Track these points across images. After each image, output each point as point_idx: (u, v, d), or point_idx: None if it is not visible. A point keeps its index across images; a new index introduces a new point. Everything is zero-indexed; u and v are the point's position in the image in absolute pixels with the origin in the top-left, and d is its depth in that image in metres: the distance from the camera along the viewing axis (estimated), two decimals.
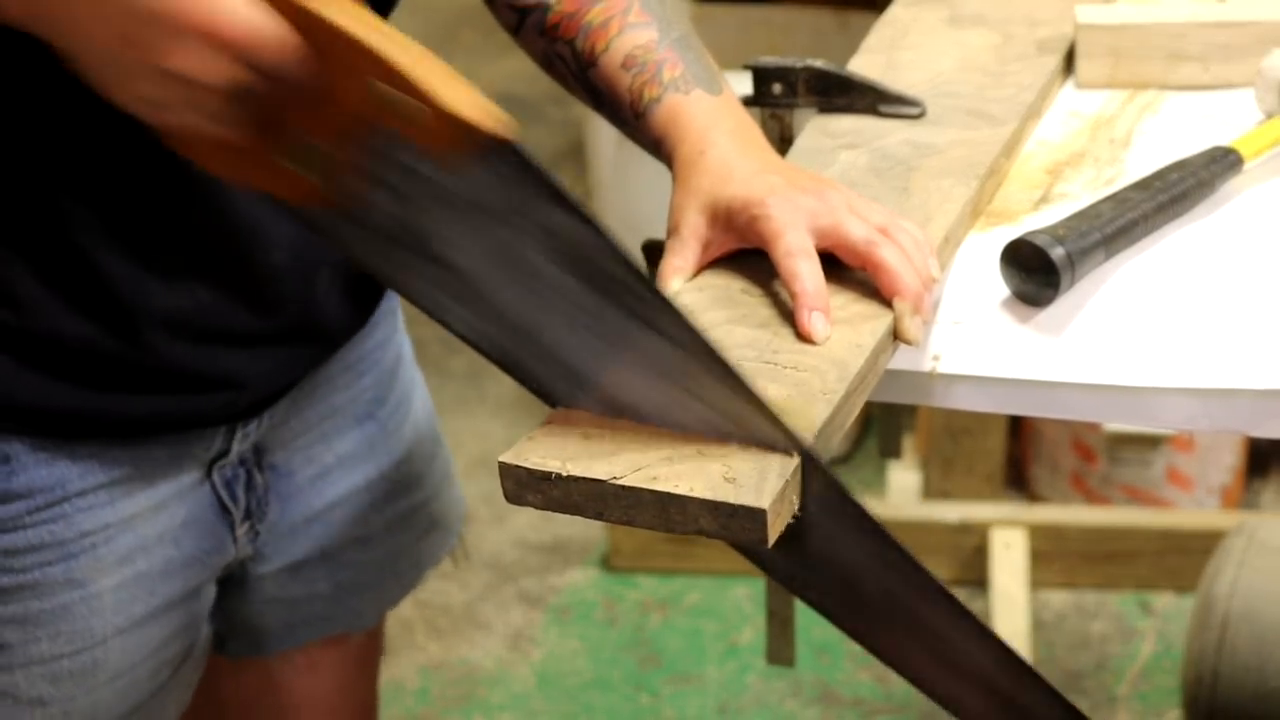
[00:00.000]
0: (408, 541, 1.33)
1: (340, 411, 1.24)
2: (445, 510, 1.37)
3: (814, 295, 0.94)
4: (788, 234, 0.96)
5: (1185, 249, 1.05)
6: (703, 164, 1.03)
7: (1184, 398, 0.95)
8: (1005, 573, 2.41)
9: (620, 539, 2.55)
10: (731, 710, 2.29)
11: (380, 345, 1.27)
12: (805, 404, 0.85)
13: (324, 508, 1.25)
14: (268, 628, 1.29)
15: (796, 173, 1.02)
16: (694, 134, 1.05)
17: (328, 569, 1.27)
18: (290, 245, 1.07)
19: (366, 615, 1.34)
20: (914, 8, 1.36)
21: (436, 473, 1.35)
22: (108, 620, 1.12)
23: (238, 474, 1.18)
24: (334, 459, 1.24)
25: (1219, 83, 1.25)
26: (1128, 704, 2.28)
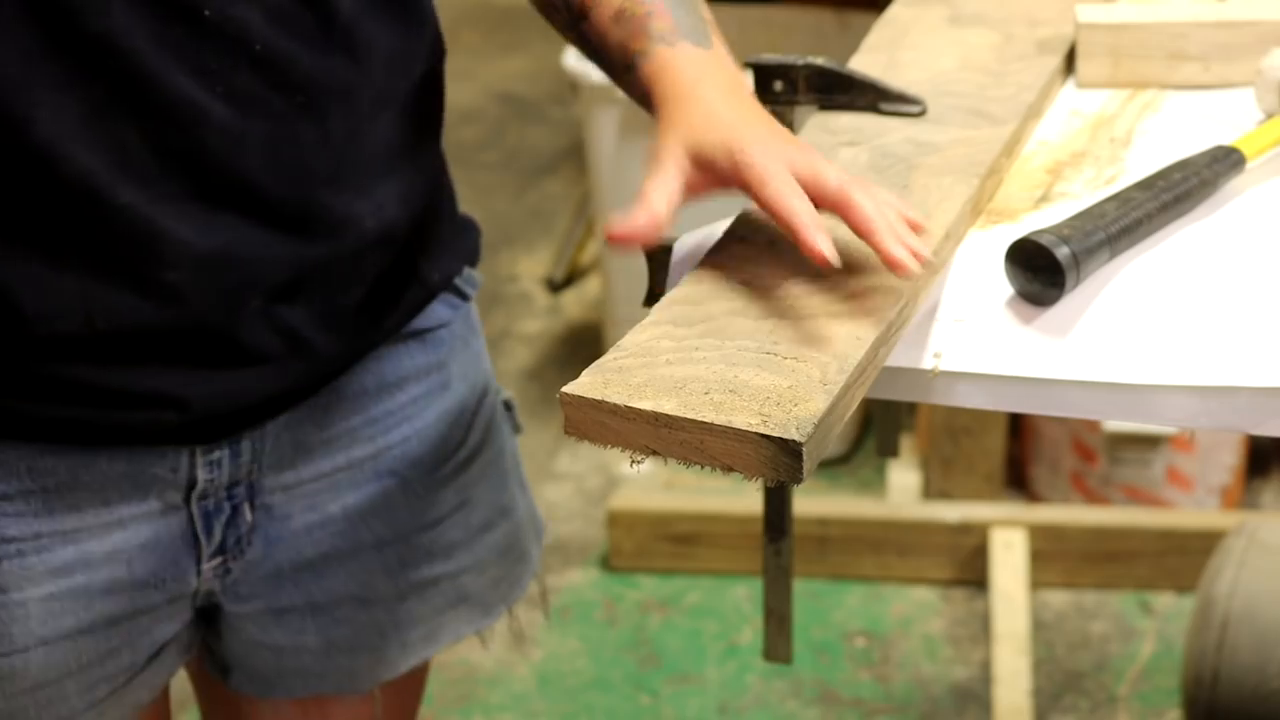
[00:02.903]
0: (424, 612, 1.25)
1: (359, 465, 1.18)
2: (488, 588, 1.29)
3: (815, 223, 0.93)
4: (774, 177, 0.96)
5: (1188, 248, 1.05)
6: (686, 111, 1.02)
7: (1184, 395, 0.95)
8: (1005, 573, 2.41)
9: (620, 539, 2.55)
10: (731, 710, 2.29)
11: (417, 402, 1.20)
12: (805, 395, 0.85)
13: (318, 558, 1.19)
14: (255, 670, 1.24)
15: (779, 127, 1.02)
16: (681, 87, 1.03)
17: (318, 622, 1.21)
18: (193, 265, 1.01)
19: (361, 680, 1.26)
20: (915, 7, 1.36)
21: (487, 546, 1.27)
22: (31, 629, 1.09)
23: (221, 508, 1.13)
24: (340, 511, 1.18)
25: (1219, 82, 1.25)
26: (1128, 704, 2.28)
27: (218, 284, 1.03)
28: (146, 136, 0.98)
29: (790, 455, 0.83)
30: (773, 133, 1.00)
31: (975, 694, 2.30)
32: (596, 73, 2.66)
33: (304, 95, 1.02)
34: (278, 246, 1.04)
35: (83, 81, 0.96)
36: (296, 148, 1.02)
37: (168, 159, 0.99)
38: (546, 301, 3.34)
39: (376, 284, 1.12)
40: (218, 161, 1.01)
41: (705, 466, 0.86)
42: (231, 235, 1.02)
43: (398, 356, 1.19)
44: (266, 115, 1.01)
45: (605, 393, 0.87)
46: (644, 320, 0.94)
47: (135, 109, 0.97)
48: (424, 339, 1.20)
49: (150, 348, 1.04)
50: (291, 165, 1.02)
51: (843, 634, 2.42)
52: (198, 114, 0.99)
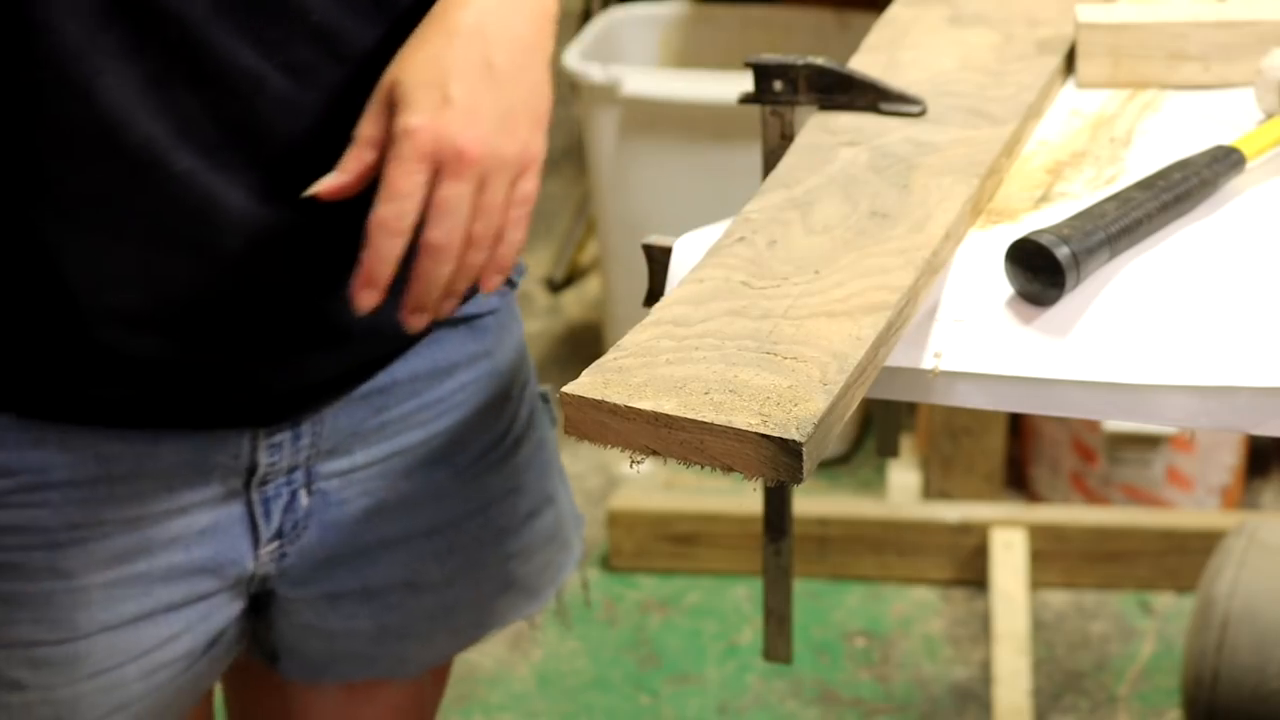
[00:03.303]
0: (472, 598, 1.26)
1: (412, 451, 1.19)
2: (535, 573, 1.30)
3: (376, 277, 0.98)
4: (395, 198, 0.96)
5: (1188, 248, 1.05)
6: (431, 31, 1.01)
7: (1184, 395, 0.95)
8: (1005, 573, 2.41)
9: (620, 539, 2.55)
10: (731, 710, 2.29)
11: (465, 388, 1.21)
12: (805, 395, 0.85)
13: (373, 544, 1.20)
14: (307, 656, 1.25)
15: (486, 110, 0.99)
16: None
17: (370, 607, 1.22)
18: (250, 234, 1.02)
19: (411, 664, 1.28)
20: (915, 7, 1.36)
21: (534, 533, 1.28)
22: (94, 615, 1.10)
23: (279, 493, 1.14)
24: (394, 497, 1.19)
25: (1219, 82, 1.25)
26: (1128, 704, 2.28)
27: (276, 254, 1.04)
28: (206, 105, 0.99)
29: (790, 455, 0.83)
30: (459, 107, 0.97)
31: (975, 694, 2.30)
32: (597, 73, 2.66)
33: (357, 68, 1.02)
34: (333, 221, 1.03)
35: (144, 49, 0.96)
36: (349, 120, 1.01)
37: (226, 128, 1.00)
38: (546, 301, 3.34)
39: None
40: (274, 131, 1.01)
41: (705, 466, 0.86)
42: (288, 205, 1.02)
43: (449, 342, 1.19)
44: (321, 87, 1.02)
45: (605, 393, 0.87)
46: (644, 320, 0.94)
47: (195, 77, 0.98)
48: (473, 325, 1.21)
49: (212, 321, 1.05)
50: (344, 138, 1.01)
51: (843, 634, 2.42)
52: (256, 83, 0.99)
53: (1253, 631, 1.94)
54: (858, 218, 1.03)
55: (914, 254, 0.99)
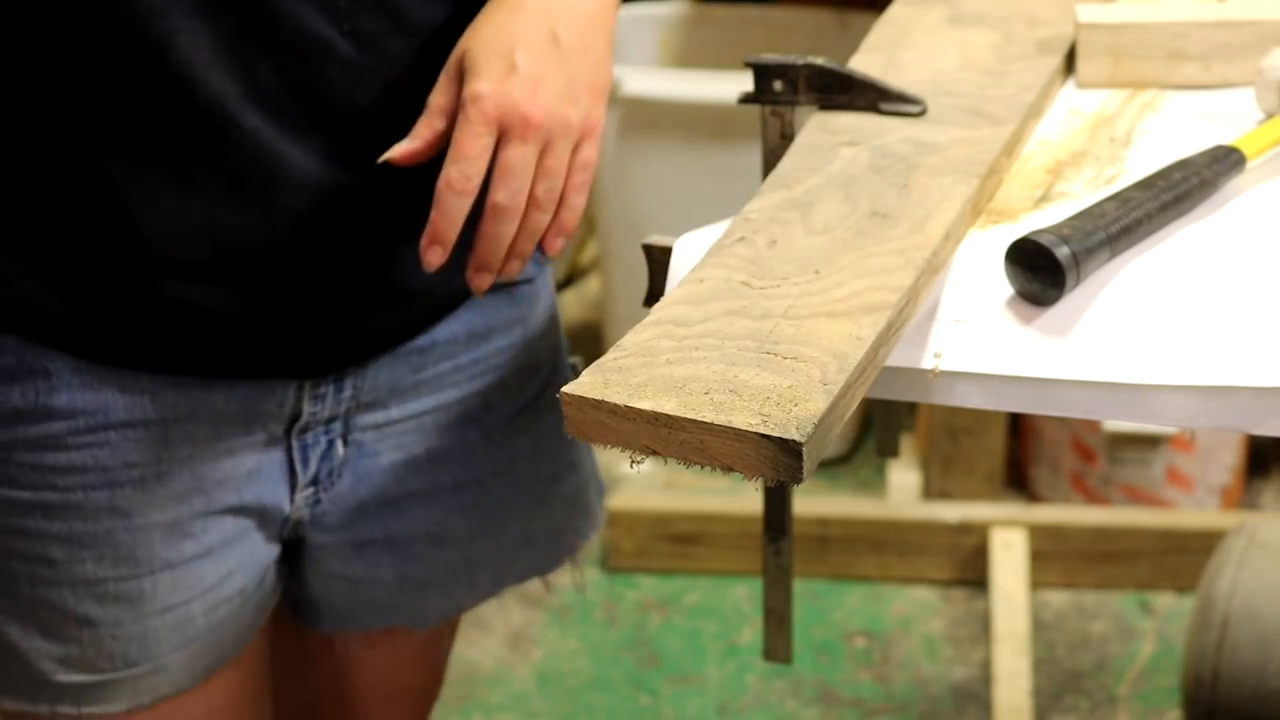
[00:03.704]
0: (492, 554, 1.31)
1: (445, 409, 1.24)
2: (554, 535, 1.34)
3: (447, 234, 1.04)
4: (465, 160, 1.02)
5: (1188, 248, 1.05)
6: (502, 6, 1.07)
7: (1184, 395, 0.95)
8: (1005, 573, 2.42)
9: (620, 539, 2.55)
10: (731, 710, 2.29)
11: (500, 353, 1.25)
12: (805, 395, 0.85)
13: (401, 496, 1.25)
14: (331, 604, 1.30)
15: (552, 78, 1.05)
16: None
17: (394, 557, 1.27)
18: (313, 193, 1.07)
19: (430, 614, 1.33)
20: (915, 7, 1.36)
21: (556, 495, 1.32)
22: (155, 553, 1.15)
23: (318, 441, 1.19)
24: (425, 452, 1.24)
25: (1220, 82, 1.25)
26: (1128, 704, 2.28)
27: (337, 215, 1.09)
28: (275, 67, 1.04)
29: (790, 455, 0.83)
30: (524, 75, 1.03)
31: (975, 694, 2.30)
32: None
33: (419, 39, 1.08)
34: (390, 184, 1.08)
35: (220, 11, 1.01)
36: (410, 90, 1.07)
37: (294, 91, 1.05)
38: None
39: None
40: (339, 96, 1.06)
41: (705, 466, 0.86)
42: (350, 168, 1.07)
43: (488, 308, 1.23)
44: (385, 57, 1.07)
45: (605, 393, 0.87)
46: (644, 320, 0.94)
47: (266, 40, 1.03)
48: (511, 292, 1.25)
49: (272, 277, 1.10)
50: (405, 106, 1.07)
51: (843, 634, 2.42)
52: (324, 49, 1.04)
53: (1253, 631, 1.94)
54: (858, 218, 1.03)
55: (914, 254, 0.99)
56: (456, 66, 1.05)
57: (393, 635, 1.34)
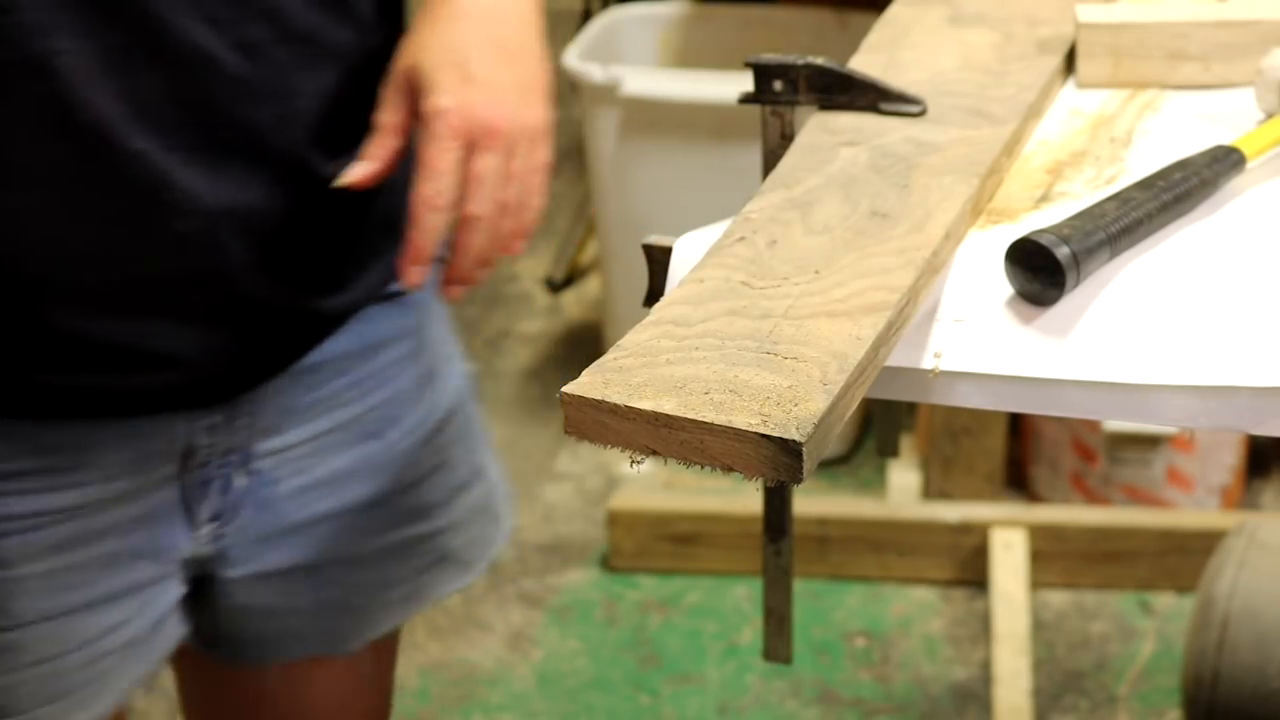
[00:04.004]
0: (407, 572, 1.29)
1: (343, 427, 1.21)
2: (466, 546, 1.33)
3: (426, 252, 1.03)
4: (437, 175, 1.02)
5: (1188, 248, 1.05)
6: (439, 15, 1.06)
7: (1184, 395, 0.95)
8: (1005, 573, 2.41)
9: (620, 539, 2.55)
10: (731, 710, 2.29)
11: (395, 364, 1.24)
12: (805, 395, 0.85)
13: (307, 521, 1.22)
14: (247, 637, 1.26)
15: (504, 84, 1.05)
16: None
17: (310, 584, 1.24)
18: (201, 215, 1.04)
19: (350, 639, 1.30)
20: (915, 7, 1.36)
21: (464, 506, 1.31)
22: (32, 604, 1.11)
23: (214, 475, 1.16)
24: (327, 473, 1.21)
25: (1220, 82, 1.25)
26: (1128, 704, 2.28)
27: (223, 235, 1.05)
28: (162, 84, 1.01)
29: (790, 455, 0.83)
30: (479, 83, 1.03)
31: (975, 694, 2.30)
32: (597, 73, 2.66)
33: (304, 48, 1.06)
34: (280, 200, 1.07)
35: (102, 28, 0.98)
36: (298, 100, 1.06)
37: (182, 108, 1.02)
38: (546, 301, 3.34)
39: (362, 240, 1.15)
40: (227, 110, 1.04)
41: (705, 466, 0.86)
42: (238, 187, 1.05)
43: (377, 319, 1.21)
44: (272, 66, 1.04)
45: (605, 393, 0.87)
46: (644, 320, 0.94)
47: (151, 56, 1.00)
48: (399, 302, 1.23)
49: (158, 301, 1.06)
50: (293, 118, 1.06)
51: (843, 634, 2.42)
52: (210, 62, 1.02)
53: (1253, 631, 1.94)
54: (858, 218, 1.03)
55: (914, 254, 0.99)
56: (405, 82, 1.04)
57: (313, 666, 1.30)
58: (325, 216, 1.12)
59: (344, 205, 1.11)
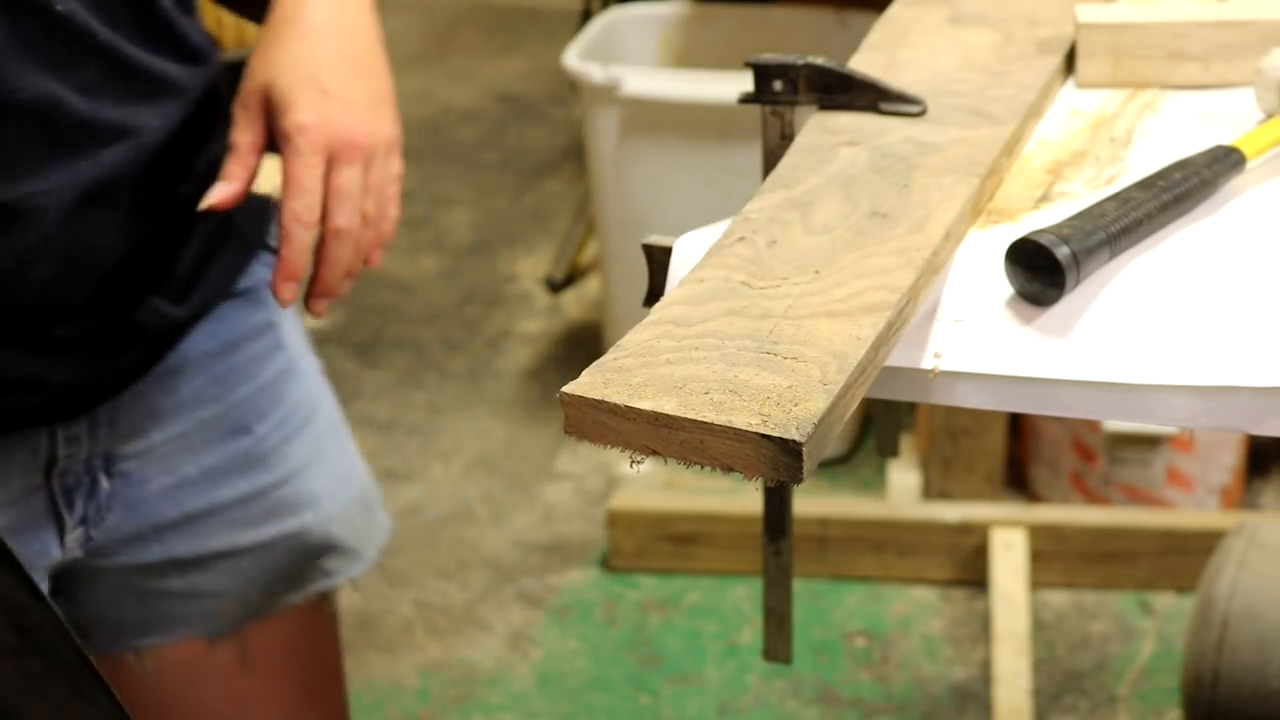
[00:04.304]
0: (289, 561, 1.28)
1: (210, 425, 1.22)
2: (351, 534, 1.33)
3: (297, 269, 1.05)
4: (305, 193, 1.05)
5: (1188, 248, 1.05)
6: (279, 35, 1.08)
7: (1184, 395, 0.95)
8: (1005, 573, 2.41)
9: (620, 539, 2.55)
10: (731, 710, 2.29)
11: (257, 360, 1.24)
12: (805, 395, 0.85)
13: (180, 518, 1.22)
14: (121, 622, 1.26)
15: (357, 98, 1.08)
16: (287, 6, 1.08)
17: (183, 573, 1.24)
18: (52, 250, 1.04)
19: (226, 623, 1.29)
20: (915, 7, 1.36)
21: (342, 497, 1.31)
22: None
23: (80, 481, 1.16)
24: (197, 471, 1.22)
25: (1220, 82, 1.25)
26: (1128, 704, 2.28)
27: (79, 272, 1.06)
28: (14, 132, 1.01)
29: (790, 455, 0.83)
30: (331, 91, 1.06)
31: (975, 694, 2.30)
32: (597, 73, 2.66)
33: (140, 84, 1.07)
34: (133, 232, 1.08)
35: None
36: (140, 134, 1.07)
37: (33, 154, 1.02)
38: (546, 301, 3.34)
39: (208, 248, 1.17)
40: (78, 151, 1.04)
41: (705, 466, 0.86)
42: (95, 229, 1.06)
43: (231, 316, 1.22)
44: (114, 102, 1.05)
45: (605, 393, 0.87)
46: (644, 320, 0.94)
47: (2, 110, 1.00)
48: (250, 297, 1.24)
49: (15, 333, 1.06)
50: (138, 150, 1.06)
51: (843, 634, 2.42)
52: (57, 107, 1.02)
53: (1253, 631, 1.94)
54: (858, 218, 1.03)
55: (914, 254, 0.99)
56: (259, 101, 1.07)
57: (189, 647, 1.29)
58: (171, 231, 1.13)
59: (183, 216, 1.13)
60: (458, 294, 3.38)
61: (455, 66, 4.57)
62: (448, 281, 3.43)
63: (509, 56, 4.61)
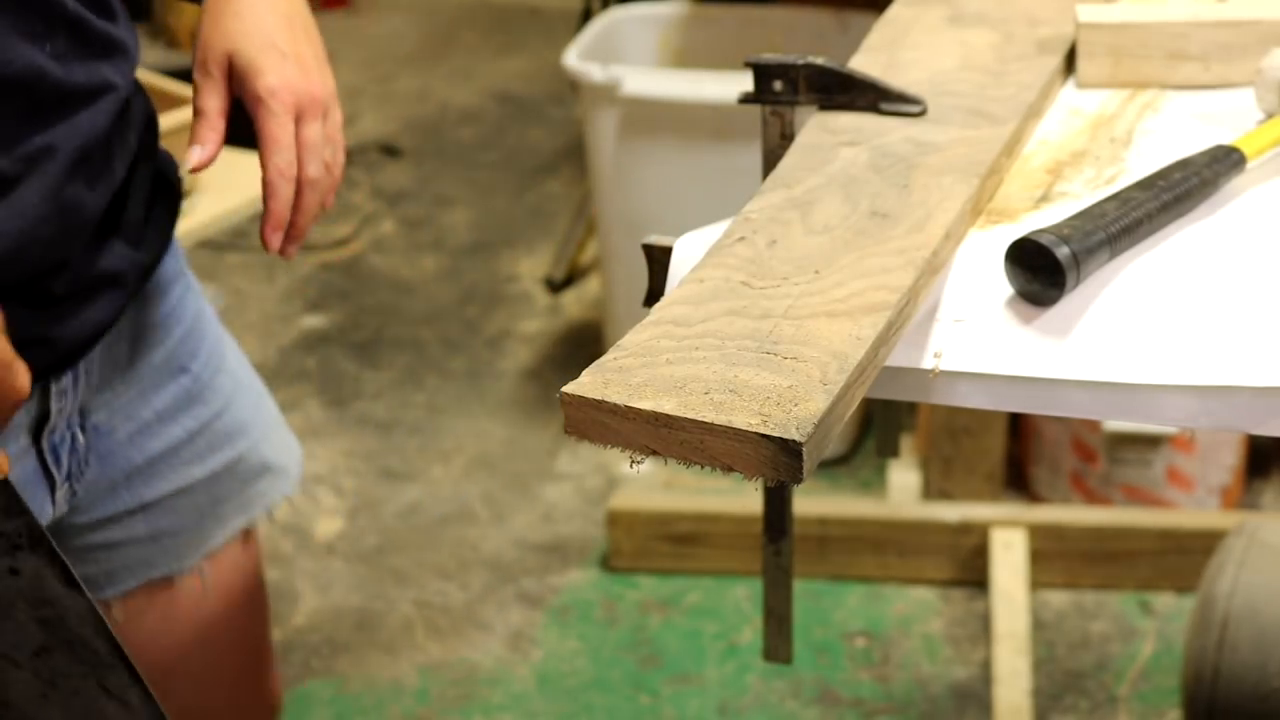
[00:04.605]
0: (234, 488, 1.38)
1: (158, 369, 1.29)
2: (277, 454, 1.43)
3: (283, 219, 1.17)
4: (283, 149, 1.16)
5: (1188, 248, 1.05)
6: (235, 3, 1.17)
7: (1183, 395, 0.95)
8: (1005, 573, 2.41)
9: (620, 539, 2.55)
10: (731, 710, 2.29)
11: (180, 302, 1.31)
12: (805, 395, 0.85)
13: (144, 463, 1.29)
14: (93, 576, 1.31)
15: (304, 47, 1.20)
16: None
17: (147, 517, 1.31)
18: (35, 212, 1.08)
19: (187, 558, 1.37)
20: (915, 7, 1.36)
21: (263, 420, 1.41)
22: None
23: (64, 437, 1.20)
24: (152, 414, 1.29)
25: (1220, 82, 1.25)
26: (1128, 704, 2.28)
27: (71, 223, 1.11)
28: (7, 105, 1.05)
29: (790, 455, 0.83)
30: (290, 54, 1.17)
31: (975, 694, 2.30)
32: (597, 73, 2.66)
33: (98, 48, 1.12)
34: (105, 180, 1.14)
35: None
36: (108, 92, 1.13)
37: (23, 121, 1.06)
38: (546, 301, 3.35)
39: (150, 194, 1.24)
40: (59, 113, 1.09)
41: (705, 466, 0.86)
42: (79, 176, 1.11)
43: (166, 259, 1.30)
44: (82, 66, 1.10)
45: (605, 393, 0.87)
46: (644, 320, 0.95)
47: None
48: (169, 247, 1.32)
49: (18, 292, 1.10)
50: (109, 107, 1.12)
51: (843, 634, 2.42)
52: (41, 76, 1.07)
53: (1253, 630, 1.94)
54: (858, 218, 1.03)
55: (914, 254, 0.99)
56: (223, 69, 1.18)
57: (152, 591, 1.36)
58: (127, 180, 1.20)
59: (133, 165, 1.20)
60: (458, 294, 3.38)
61: (455, 66, 4.57)
62: (448, 281, 3.43)
63: (509, 56, 4.61)
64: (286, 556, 2.63)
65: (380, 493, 2.79)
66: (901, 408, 1.72)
